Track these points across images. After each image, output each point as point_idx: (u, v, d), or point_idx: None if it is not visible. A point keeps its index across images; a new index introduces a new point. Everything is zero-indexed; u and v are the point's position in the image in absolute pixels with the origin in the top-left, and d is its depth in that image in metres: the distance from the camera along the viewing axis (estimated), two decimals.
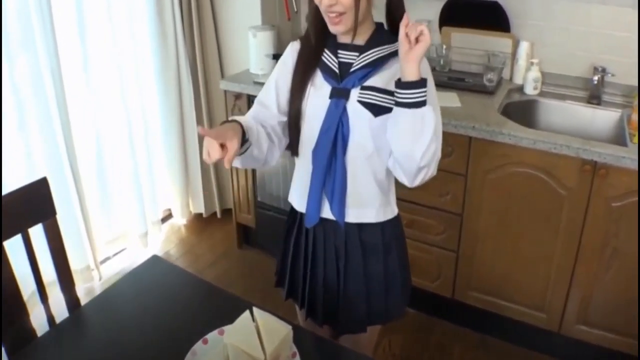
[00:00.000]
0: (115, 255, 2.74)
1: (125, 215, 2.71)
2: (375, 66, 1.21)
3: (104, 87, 2.44)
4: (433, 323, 2.33)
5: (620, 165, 1.74)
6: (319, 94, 1.24)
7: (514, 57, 2.35)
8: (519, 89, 2.33)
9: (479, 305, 2.19)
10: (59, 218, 1.43)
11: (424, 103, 1.11)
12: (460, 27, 2.42)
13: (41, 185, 1.38)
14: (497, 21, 2.33)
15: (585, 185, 1.82)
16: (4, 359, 1.18)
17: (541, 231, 1.95)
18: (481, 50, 2.38)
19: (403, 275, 1.39)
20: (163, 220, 3.00)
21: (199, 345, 1.12)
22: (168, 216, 3.07)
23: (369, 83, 1.21)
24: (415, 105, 1.10)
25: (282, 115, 1.29)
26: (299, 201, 1.35)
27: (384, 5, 1.25)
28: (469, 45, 2.41)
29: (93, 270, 2.49)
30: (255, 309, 1.12)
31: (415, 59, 1.08)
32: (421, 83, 1.10)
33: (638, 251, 1.80)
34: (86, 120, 2.41)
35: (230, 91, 2.48)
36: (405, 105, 1.11)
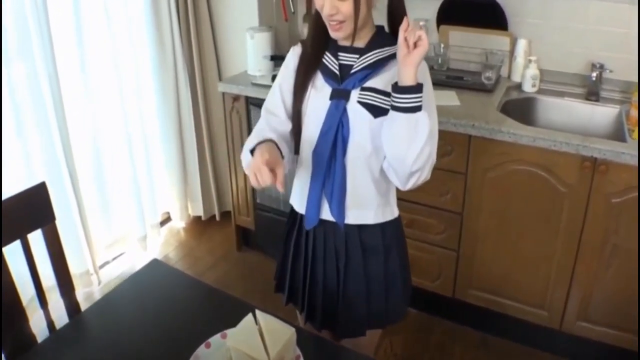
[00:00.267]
0: (114, 259, 2.73)
1: (124, 219, 2.71)
2: (375, 68, 1.22)
3: (101, 91, 2.43)
4: (434, 323, 2.33)
5: (620, 161, 1.74)
6: (319, 95, 1.25)
7: (512, 55, 2.35)
8: (517, 86, 2.33)
9: (479, 304, 2.19)
10: (58, 223, 1.42)
11: (419, 108, 1.12)
12: (458, 26, 2.42)
13: (40, 190, 1.38)
14: (495, 19, 2.33)
15: (585, 182, 1.82)
16: None
17: (542, 228, 1.95)
18: (479, 49, 2.38)
19: (403, 277, 1.39)
20: (162, 223, 2.99)
21: (202, 349, 1.11)
22: (167, 219, 3.06)
23: (369, 84, 1.22)
24: (410, 110, 1.12)
25: (290, 120, 1.32)
26: (300, 202, 1.35)
27: (385, 7, 1.25)
28: (467, 44, 2.41)
29: (92, 275, 2.48)
30: (257, 312, 1.12)
31: (412, 63, 1.09)
32: (417, 88, 1.11)
33: (638, 247, 1.80)
34: (84, 124, 2.40)
35: (228, 93, 2.47)
36: (400, 109, 1.12)
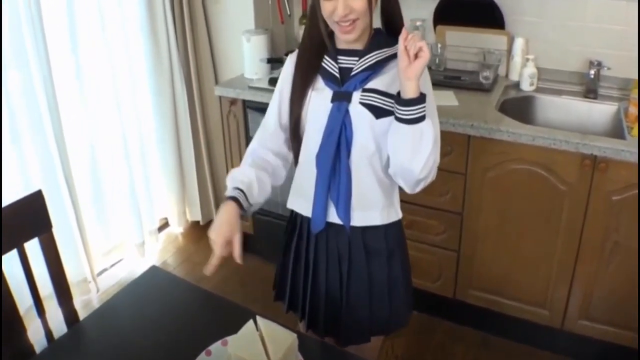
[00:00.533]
0: (112, 266, 2.71)
1: (121, 226, 2.69)
2: (375, 69, 1.21)
3: (97, 96, 2.42)
4: (435, 323, 2.32)
5: (619, 158, 1.73)
6: (320, 98, 1.24)
7: (509, 54, 2.35)
8: (515, 85, 2.32)
9: (480, 304, 2.18)
10: (54, 231, 1.40)
11: (423, 118, 1.12)
12: (455, 26, 2.41)
13: (36, 198, 1.36)
14: (492, 18, 2.33)
15: (585, 180, 1.81)
16: None
17: (542, 227, 1.94)
18: (476, 48, 2.37)
19: (405, 282, 1.38)
20: (160, 229, 2.96)
21: (203, 357, 1.10)
22: (165, 225, 3.03)
23: (370, 85, 1.22)
24: (414, 122, 1.12)
25: (285, 130, 1.33)
26: (305, 205, 1.32)
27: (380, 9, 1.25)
28: (464, 44, 2.40)
29: (90, 283, 2.46)
30: (258, 318, 1.11)
31: (414, 76, 1.09)
32: (420, 99, 1.10)
33: (639, 245, 1.80)
34: (80, 130, 2.39)
35: (225, 97, 2.46)
36: (404, 121, 1.12)
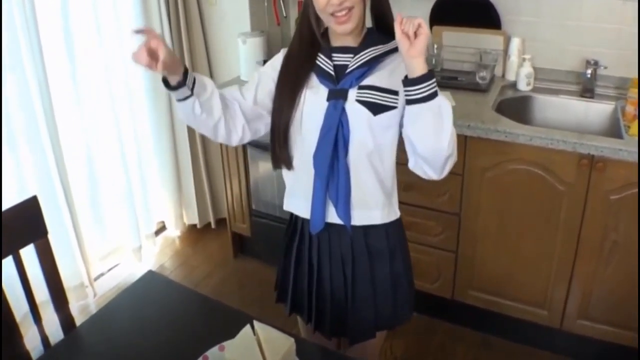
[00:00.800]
0: (109, 270, 2.69)
1: (118, 230, 2.68)
2: (370, 66, 1.20)
3: (93, 101, 2.40)
4: (434, 324, 2.31)
5: (617, 157, 1.73)
6: (315, 96, 1.22)
7: (505, 54, 2.34)
8: (512, 85, 2.32)
9: (479, 305, 2.17)
10: (51, 235, 1.39)
11: (436, 93, 1.09)
12: (451, 26, 2.41)
13: (31, 204, 1.35)
14: (488, 18, 2.32)
15: (583, 179, 1.81)
16: None
17: (540, 228, 1.94)
18: (473, 48, 2.37)
19: (408, 278, 1.38)
20: (157, 232, 2.95)
21: None
22: (162, 228, 3.02)
23: (366, 82, 1.20)
24: (430, 98, 1.08)
25: (254, 104, 1.27)
26: (304, 206, 1.30)
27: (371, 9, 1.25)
28: (461, 44, 2.40)
29: (87, 287, 2.44)
30: (255, 323, 1.10)
31: (418, 53, 1.06)
32: (429, 75, 1.08)
33: (638, 244, 1.79)
34: (76, 135, 2.38)
35: None
36: (420, 100, 1.08)
